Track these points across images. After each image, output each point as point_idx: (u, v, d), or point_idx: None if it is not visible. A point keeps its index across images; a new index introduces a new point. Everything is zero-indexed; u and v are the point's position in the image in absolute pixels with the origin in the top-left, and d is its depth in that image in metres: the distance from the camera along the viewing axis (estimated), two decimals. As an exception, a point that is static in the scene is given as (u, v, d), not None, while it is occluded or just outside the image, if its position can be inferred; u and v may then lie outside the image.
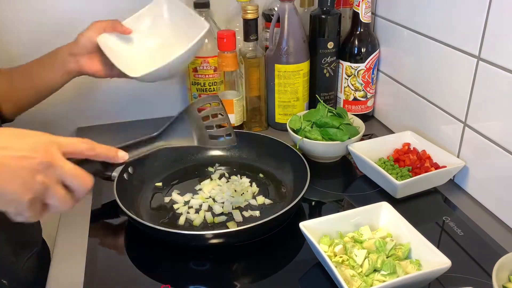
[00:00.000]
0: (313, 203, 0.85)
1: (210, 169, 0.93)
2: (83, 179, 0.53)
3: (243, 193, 0.85)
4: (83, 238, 0.76)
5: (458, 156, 0.86)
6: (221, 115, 0.74)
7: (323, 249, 0.65)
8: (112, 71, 0.86)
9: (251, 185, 0.87)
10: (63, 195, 0.52)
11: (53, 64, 0.85)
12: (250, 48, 1.01)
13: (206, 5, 1.02)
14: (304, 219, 0.69)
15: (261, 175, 0.91)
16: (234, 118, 1.03)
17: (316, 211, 0.85)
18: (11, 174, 0.47)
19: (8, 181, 0.46)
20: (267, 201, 0.83)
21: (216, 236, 0.70)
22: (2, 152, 0.47)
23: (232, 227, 0.76)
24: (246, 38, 1.00)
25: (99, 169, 0.58)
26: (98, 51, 0.85)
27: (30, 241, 0.86)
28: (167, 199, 0.84)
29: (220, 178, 0.90)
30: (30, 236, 0.86)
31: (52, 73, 0.85)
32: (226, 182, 0.89)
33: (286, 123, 0.97)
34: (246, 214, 0.80)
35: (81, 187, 0.53)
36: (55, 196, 0.51)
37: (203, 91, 1.08)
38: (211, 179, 0.89)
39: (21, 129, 0.52)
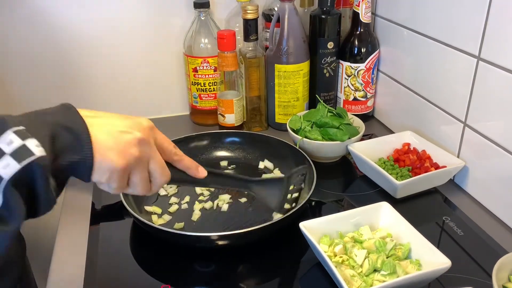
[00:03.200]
0: (313, 203, 0.85)
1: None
2: (166, 171, 0.57)
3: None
4: (83, 238, 0.76)
5: (458, 156, 0.86)
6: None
7: (323, 249, 0.65)
8: None
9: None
10: (146, 177, 0.55)
11: None
12: (250, 48, 1.01)
13: (206, 5, 1.02)
14: (304, 219, 0.69)
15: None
16: (234, 118, 1.03)
17: (316, 211, 0.85)
18: (114, 144, 0.50)
19: (110, 148, 0.50)
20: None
21: (221, 237, 0.70)
22: (109, 127, 0.51)
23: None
24: (246, 38, 1.00)
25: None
26: None
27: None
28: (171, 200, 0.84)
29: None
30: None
31: None
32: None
33: (286, 123, 0.97)
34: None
35: (162, 177, 0.56)
36: (140, 175, 0.54)
37: (203, 91, 1.08)
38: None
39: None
